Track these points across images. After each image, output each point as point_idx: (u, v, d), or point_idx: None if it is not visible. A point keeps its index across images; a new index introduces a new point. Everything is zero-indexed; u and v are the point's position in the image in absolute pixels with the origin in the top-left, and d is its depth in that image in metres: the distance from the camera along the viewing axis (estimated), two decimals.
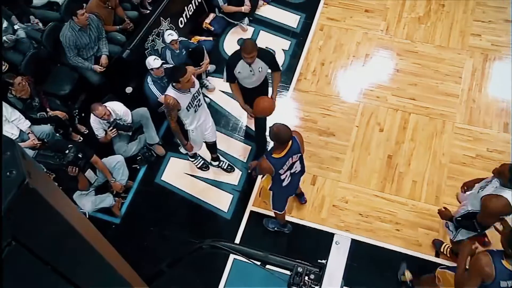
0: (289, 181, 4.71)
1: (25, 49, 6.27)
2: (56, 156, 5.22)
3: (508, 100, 6.54)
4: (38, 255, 1.26)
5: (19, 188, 1.16)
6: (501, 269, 3.68)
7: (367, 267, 5.32)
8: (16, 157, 1.17)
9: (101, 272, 1.72)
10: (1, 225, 1.12)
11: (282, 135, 4.28)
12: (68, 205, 1.49)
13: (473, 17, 7.38)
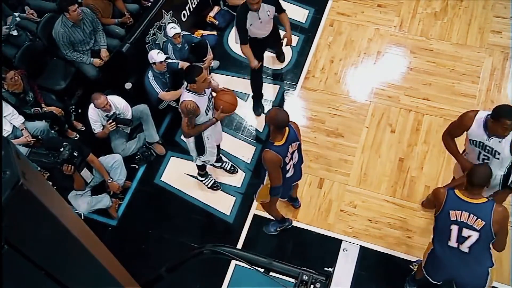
0: (293, 173, 4.74)
1: (19, 41, 6.29)
2: (50, 154, 5.26)
3: None
4: (31, 260, 1.27)
5: (13, 190, 1.16)
6: (452, 196, 3.91)
7: (376, 276, 5.34)
8: (10, 157, 1.18)
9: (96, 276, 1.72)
10: None
11: (281, 118, 4.31)
12: (63, 207, 1.50)
13: (494, 13, 7.35)
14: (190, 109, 4.78)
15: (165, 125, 6.60)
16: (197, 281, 5.42)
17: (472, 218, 3.81)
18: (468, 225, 3.84)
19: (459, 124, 4.58)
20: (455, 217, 3.87)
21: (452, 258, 4.10)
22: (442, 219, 3.98)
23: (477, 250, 3.95)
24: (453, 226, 3.91)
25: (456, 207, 3.86)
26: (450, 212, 3.89)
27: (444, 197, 3.91)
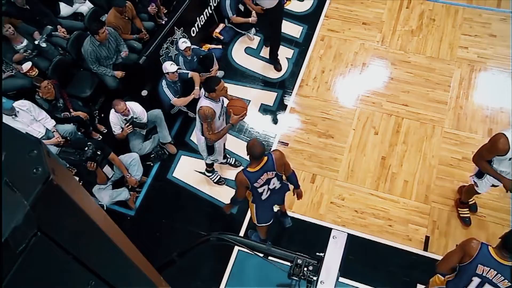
0: (268, 195, 4.61)
1: (51, 55, 6.31)
2: (76, 153, 5.26)
3: (492, 108, 6.53)
4: (60, 245, 1.26)
5: (44, 185, 1.16)
6: (485, 252, 3.60)
7: (361, 260, 5.32)
8: (41, 156, 1.17)
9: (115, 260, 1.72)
10: (28, 218, 1.12)
11: (255, 150, 4.24)
12: (88, 200, 1.49)
13: (461, 31, 7.36)
14: (208, 114, 4.76)
15: (176, 128, 6.59)
16: (204, 265, 5.42)
17: (498, 277, 3.56)
18: (493, 283, 3.60)
19: (492, 149, 4.36)
20: (481, 272, 3.61)
21: None
22: (468, 269, 3.67)
23: None
24: (475, 278, 3.66)
25: (486, 263, 3.58)
26: (479, 265, 3.60)
27: (476, 251, 3.60)
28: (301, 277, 3.33)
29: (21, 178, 1.12)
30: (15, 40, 6.11)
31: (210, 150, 5.41)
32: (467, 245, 3.68)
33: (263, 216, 4.89)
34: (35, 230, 1.16)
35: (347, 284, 5.16)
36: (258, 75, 7.08)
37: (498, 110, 6.52)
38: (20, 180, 1.12)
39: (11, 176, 1.11)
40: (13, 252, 1.11)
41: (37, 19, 6.41)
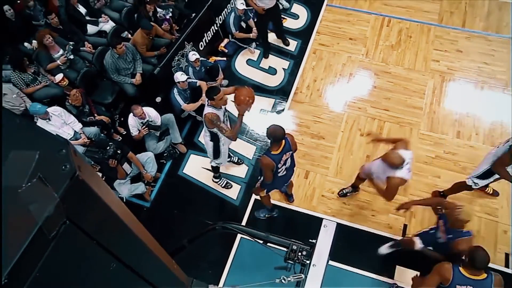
0: (284, 174, 4.68)
1: (79, 67, 6.36)
2: (100, 152, 5.29)
3: (459, 113, 6.55)
4: (86, 232, 1.27)
5: (71, 180, 1.17)
6: (458, 275, 3.64)
7: (348, 245, 5.31)
8: (69, 155, 1.18)
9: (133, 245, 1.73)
10: (58, 209, 1.13)
11: (278, 133, 4.27)
12: (109, 193, 1.50)
13: (433, 46, 7.36)
14: (212, 118, 4.73)
15: (186, 130, 6.57)
16: (211, 250, 5.42)
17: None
18: None
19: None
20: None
21: None
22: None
23: None
24: None
25: (463, 283, 3.62)
26: (457, 286, 3.64)
27: (451, 274, 3.66)
28: (296, 261, 3.33)
29: (52, 174, 1.13)
30: (53, 48, 6.14)
31: (216, 154, 5.36)
32: (441, 270, 3.74)
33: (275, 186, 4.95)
34: (64, 219, 1.17)
35: (336, 266, 5.16)
36: (258, 83, 7.07)
37: (465, 115, 6.55)
38: (51, 176, 1.13)
39: (44, 172, 1.12)
40: (46, 238, 1.13)
41: (68, 37, 6.46)
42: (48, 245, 1.14)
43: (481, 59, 7.16)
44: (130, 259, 1.62)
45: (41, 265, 1.13)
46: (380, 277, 5.21)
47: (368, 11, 7.90)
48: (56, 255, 1.17)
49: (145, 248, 1.80)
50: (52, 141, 1.21)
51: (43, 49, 6.10)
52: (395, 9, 7.91)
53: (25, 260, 1.07)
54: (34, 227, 1.08)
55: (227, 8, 7.43)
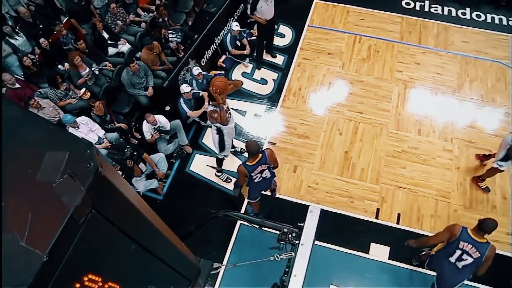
0: (260, 180, 4.63)
1: (102, 83, 6.40)
2: (119, 154, 5.29)
3: (420, 115, 6.63)
4: (108, 219, 1.30)
5: (95, 175, 1.19)
6: (465, 233, 3.85)
7: (331, 228, 5.35)
8: (93, 154, 1.21)
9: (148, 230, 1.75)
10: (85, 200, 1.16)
11: (252, 148, 4.28)
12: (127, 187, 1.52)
13: (397, 59, 7.42)
14: (211, 114, 4.88)
15: (192, 133, 6.56)
16: (215, 235, 5.42)
17: (473, 250, 3.81)
18: (469, 253, 3.85)
19: None
20: (462, 246, 3.86)
21: (447, 267, 4.09)
22: (453, 244, 3.92)
23: (466, 268, 3.96)
24: (458, 251, 3.90)
25: (466, 240, 3.83)
26: (461, 242, 3.85)
27: (459, 232, 3.86)
28: (287, 241, 3.35)
29: (79, 170, 1.16)
30: (81, 67, 6.19)
31: (222, 147, 5.38)
32: (452, 229, 3.94)
33: (253, 195, 4.94)
34: (90, 208, 1.20)
35: (321, 245, 5.19)
36: (252, 92, 7.09)
37: (424, 115, 6.63)
38: (78, 172, 1.16)
39: (72, 169, 1.15)
40: (76, 224, 1.15)
41: (93, 58, 6.50)
42: (78, 229, 1.17)
43: (435, 70, 7.25)
44: (146, 242, 1.64)
45: (74, 246, 1.16)
46: (358, 252, 5.25)
47: (343, 31, 7.93)
48: (85, 238, 1.20)
49: (158, 232, 1.82)
50: (79, 143, 1.23)
51: (74, 68, 6.19)
52: (365, 29, 7.95)
53: (60, 242, 1.10)
54: (66, 215, 1.11)
55: (224, 29, 7.44)
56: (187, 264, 2.39)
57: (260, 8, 6.36)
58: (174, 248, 2.11)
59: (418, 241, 4.40)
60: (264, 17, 6.54)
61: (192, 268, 2.49)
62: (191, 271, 2.47)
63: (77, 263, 1.22)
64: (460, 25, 7.97)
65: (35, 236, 1.06)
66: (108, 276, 1.40)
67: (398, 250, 5.22)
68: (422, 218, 5.53)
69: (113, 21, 7.16)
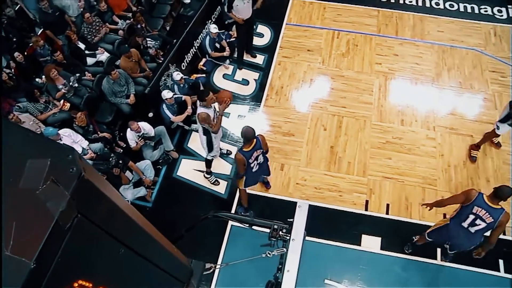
0: (257, 169, 4.74)
1: (82, 93, 6.33)
2: (104, 163, 5.25)
3: (401, 105, 6.75)
4: (95, 223, 1.30)
5: (78, 179, 1.20)
6: (480, 199, 3.93)
7: (321, 222, 5.41)
8: (75, 159, 1.21)
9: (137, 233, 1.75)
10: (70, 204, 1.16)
11: (248, 133, 4.38)
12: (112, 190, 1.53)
13: (376, 52, 7.54)
14: (204, 117, 4.88)
15: (176, 138, 6.53)
16: (206, 238, 5.39)
17: (486, 215, 3.89)
18: (482, 218, 3.93)
19: None
20: (476, 211, 3.94)
21: (460, 232, 4.16)
22: (467, 209, 4.00)
23: (479, 233, 4.06)
24: (471, 215, 3.98)
25: (480, 205, 3.91)
26: (475, 207, 3.93)
27: (475, 197, 3.93)
28: (278, 238, 3.35)
29: (62, 176, 1.17)
30: (58, 80, 6.10)
31: (210, 147, 5.40)
32: (469, 193, 4.03)
33: (250, 181, 5.02)
34: (76, 213, 1.20)
35: (314, 241, 5.24)
36: (234, 93, 7.05)
37: (405, 106, 6.76)
38: (61, 178, 1.16)
39: (55, 175, 1.15)
40: (63, 229, 1.16)
41: (71, 69, 6.44)
42: (65, 235, 1.17)
43: (413, 60, 7.40)
44: (136, 245, 1.65)
45: (61, 252, 1.17)
46: (350, 245, 5.31)
47: (321, 27, 8.03)
48: (72, 243, 1.20)
49: (147, 235, 1.83)
50: (60, 149, 1.24)
51: (50, 81, 6.10)
52: (342, 24, 8.06)
53: (47, 248, 1.10)
54: (52, 220, 1.12)
55: (203, 32, 7.44)
56: (179, 266, 2.39)
57: (236, 7, 6.41)
58: (165, 250, 2.11)
59: (434, 203, 4.49)
60: (240, 16, 6.57)
61: (184, 269, 2.50)
62: (183, 272, 2.47)
63: (66, 269, 1.22)
64: (434, 15, 8.13)
65: (20, 244, 1.06)
66: (99, 281, 1.41)
67: (389, 240, 5.31)
68: (411, 207, 5.63)
69: (89, 31, 7.09)
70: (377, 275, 5.07)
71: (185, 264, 2.51)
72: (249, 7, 6.52)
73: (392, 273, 5.08)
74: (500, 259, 5.13)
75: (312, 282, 5.00)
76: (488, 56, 7.37)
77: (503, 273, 5.05)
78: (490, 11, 8.15)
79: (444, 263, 5.09)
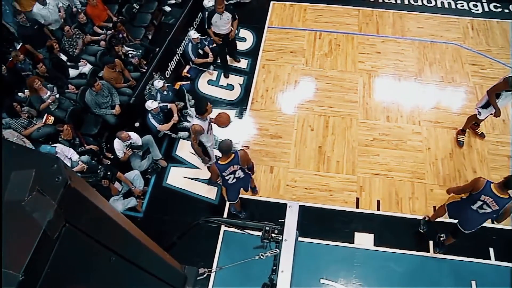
0: (234, 181, 4.71)
1: (66, 106, 6.27)
2: (92, 176, 5.22)
3: (386, 102, 6.84)
4: (84, 232, 1.30)
5: (65, 188, 1.20)
6: (488, 188, 4.07)
7: (313, 223, 5.44)
8: (61, 168, 1.22)
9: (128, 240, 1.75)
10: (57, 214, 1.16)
11: (224, 147, 4.37)
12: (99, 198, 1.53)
13: (358, 51, 7.62)
14: (198, 130, 4.85)
15: (164, 147, 6.50)
16: (199, 245, 5.38)
17: (493, 203, 4.06)
18: (489, 205, 4.10)
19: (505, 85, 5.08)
20: (483, 199, 4.10)
21: (469, 213, 4.33)
22: (475, 196, 4.15)
23: (486, 215, 4.24)
24: (478, 201, 4.16)
25: (487, 194, 4.06)
26: (482, 195, 4.08)
27: (483, 186, 4.07)
28: (270, 239, 3.37)
29: (48, 185, 1.17)
30: (42, 91, 6.04)
31: (208, 156, 5.42)
32: (476, 182, 4.17)
33: (231, 196, 5.02)
34: (63, 222, 1.21)
35: (307, 241, 5.26)
36: (220, 99, 7.10)
37: (390, 102, 6.83)
38: (47, 187, 1.17)
39: (41, 185, 1.15)
40: (51, 239, 1.16)
41: (54, 82, 6.38)
42: (54, 245, 1.17)
43: (395, 57, 7.50)
44: (126, 252, 1.65)
45: (50, 262, 1.16)
46: (343, 243, 5.34)
47: (303, 28, 8.10)
48: (61, 253, 1.20)
49: (138, 241, 1.83)
50: (45, 159, 1.24)
51: (34, 93, 6.05)
52: (323, 24, 8.15)
53: (35, 259, 1.10)
54: (39, 231, 1.12)
55: (185, 40, 7.45)
56: (172, 272, 2.39)
57: (215, 23, 6.43)
58: (157, 256, 2.11)
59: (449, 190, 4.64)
60: (219, 32, 6.59)
61: (177, 275, 2.50)
62: (177, 278, 2.47)
63: (56, 280, 1.22)
64: (413, 12, 8.28)
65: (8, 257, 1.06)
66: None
67: (381, 235, 5.36)
68: (401, 202, 5.69)
69: (70, 44, 7.05)
70: (372, 271, 5.12)
71: (178, 270, 2.51)
72: (227, 23, 6.53)
73: (387, 269, 5.12)
74: (490, 247, 5.22)
75: (308, 282, 5.01)
76: (467, 49, 7.53)
77: (493, 261, 5.14)
78: (466, 5, 8.33)
79: (437, 255, 5.16)
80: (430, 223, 5.25)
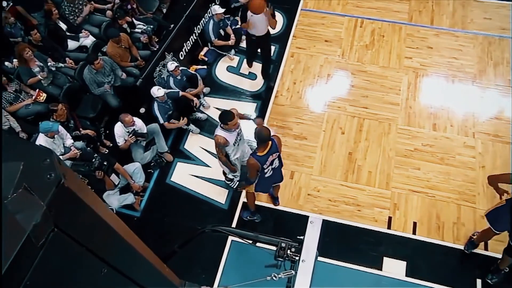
0: (271, 174, 4.74)
1: (62, 83, 6.29)
2: (86, 165, 5.27)
3: (434, 106, 6.67)
4: (74, 239, 1.27)
5: (57, 188, 1.17)
6: None
7: (336, 241, 5.38)
8: (53, 163, 1.19)
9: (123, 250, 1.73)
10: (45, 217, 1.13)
11: (263, 135, 4.34)
12: (96, 200, 1.50)
13: (405, 44, 7.49)
14: (220, 142, 4.84)
15: (172, 138, 6.53)
16: (203, 255, 5.38)
17: None
18: None
19: None
20: None
21: None
22: None
23: None
24: None
25: None
26: None
27: None
28: (286, 258, 3.33)
29: (37, 183, 1.14)
30: (31, 62, 6.01)
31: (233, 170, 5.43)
32: None
33: (262, 187, 5.01)
34: (52, 227, 1.18)
35: (326, 262, 5.19)
36: (239, 89, 7.10)
37: (439, 108, 6.67)
38: (36, 185, 1.14)
39: (29, 182, 1.12)
40: (35, 246, 1.13)
41: (49, 53, 6.39)
42: (38, 253, 1.14)
43: (450, 54, 7.32)
44: (121, 264, 1.62)
45: (31, 273, 1.13)
46: (369, 269, 5.25)
47: (342, 14, 8.00)
48: (46, 262, 1.17)
49: (135, 252, 1.80)
50: (36, 151, 1.21)
51: (23, 63, 5.99)
52: (367, 10, 8.03)
53: (14, 269, 1.07)
54: (22, 236, 1.08)
55: (205, 17, 7.44)
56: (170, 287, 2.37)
57: (251, 17, 6.00)
58: (154, 270, 2.09)
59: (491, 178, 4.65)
60: (253, 31, 6.29)
61: None
62: None
63: None
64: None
65: None
66: None
67: (416, 265, 5.24)
68: (443, 226, 5.54)
69: (71, 10, 7.04)
70: None
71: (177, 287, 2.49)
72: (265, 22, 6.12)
73: None
74: None
75: None
76: None
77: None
78: None
79: None
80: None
